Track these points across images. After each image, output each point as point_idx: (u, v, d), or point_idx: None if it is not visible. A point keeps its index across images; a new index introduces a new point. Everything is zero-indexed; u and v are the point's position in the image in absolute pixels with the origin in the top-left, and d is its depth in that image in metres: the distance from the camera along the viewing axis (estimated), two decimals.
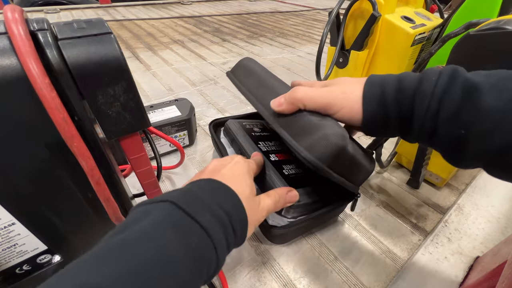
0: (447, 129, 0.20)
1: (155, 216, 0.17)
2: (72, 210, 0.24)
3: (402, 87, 0.22)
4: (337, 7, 0.53)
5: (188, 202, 0.18)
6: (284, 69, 0.92)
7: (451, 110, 0.19)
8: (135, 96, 0.21)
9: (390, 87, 0.22)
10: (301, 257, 0.33)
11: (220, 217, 0.19)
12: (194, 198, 0.19)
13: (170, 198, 0.18)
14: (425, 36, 0.55)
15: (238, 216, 0.20)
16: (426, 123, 0.21)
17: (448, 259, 0.33)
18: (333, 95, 0.24)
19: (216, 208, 0.19)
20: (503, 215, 0.39)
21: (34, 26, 0.17)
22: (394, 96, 0.22)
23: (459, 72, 0.20)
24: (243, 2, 2.25)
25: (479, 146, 0.19)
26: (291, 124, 0.26)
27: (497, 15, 0.36)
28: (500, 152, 0.18)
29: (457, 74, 0.20)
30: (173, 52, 1.03)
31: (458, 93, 0.19)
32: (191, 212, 0.18)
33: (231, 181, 0.22)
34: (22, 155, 0.18)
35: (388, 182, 0.46)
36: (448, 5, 1.24)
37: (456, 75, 0.20)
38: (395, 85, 0.22)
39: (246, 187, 0.23)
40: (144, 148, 0.26)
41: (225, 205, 0.20)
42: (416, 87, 0.21)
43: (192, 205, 0.18)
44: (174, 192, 0.20)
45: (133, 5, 1.89)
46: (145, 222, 0.16)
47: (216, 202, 0.20)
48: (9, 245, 0.22)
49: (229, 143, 0.42)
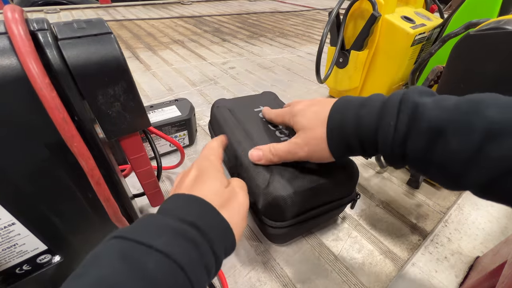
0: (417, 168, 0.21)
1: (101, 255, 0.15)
2: (72, 210, 0.24)
3: (361, 126, 0.22)
4: (337, 7, 0.54)
5: (137, 229, 0.16)
6: (284, 69, 0.92)
7: (417, 154, 0.19)
8: (135, 96, 0.21)
9: (349, 126, 0.23)
10: (301, 257, 0.33)
11: (185, 232, 0.17)
12: (146, 223, 0.17)
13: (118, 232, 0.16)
14: (425, 36, 0.55)
15: (209, 223, 0.18)
16: (394, 160, 0.22)
17: (448, 259, 0.33)
18: (299, 150, 0.27)
19: (178, 224, 0.17)
20: (503, 215, 0.39)
21: (34, 26, 0.17)
22: (354, 134, 0.23)
23: (419, 111, 0.19)
24: (243, 2, 2.25)
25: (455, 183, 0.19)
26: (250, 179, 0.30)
27: (497, 15, 0.36)
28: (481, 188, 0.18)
29: (416, 116, 0.19)
30: (173, 52, 1.03)
31: (422, 139, 0.19)
32: (142, 239, 0.15)
33: (195, 186, 0.21)
34: (22, 155, 0.18)
35: (388, 182, 0.46)
36: (448, 5, 1.24)
37: (416, 116, 0.19)
38: (353, 125, 0.22)
39: (213, 189, 0.21)
40: (144, 148, 0.26)
41: (188, 217, 0.18)
42: (376, 125, 0.21)
43: (143, 230, 0.16)
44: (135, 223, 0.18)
45: (133, 5, 1.89)
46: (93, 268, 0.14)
47: (178, 217, 0.17)
48: (9, 245, 0.22)
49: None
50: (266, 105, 0.43)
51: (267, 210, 0.29)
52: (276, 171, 0.29)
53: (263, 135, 0.35)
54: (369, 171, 0.48)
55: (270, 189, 0.28)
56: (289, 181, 0.28)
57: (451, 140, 0.17)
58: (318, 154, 0.26)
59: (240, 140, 0.35)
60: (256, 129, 0.36)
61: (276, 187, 0.28)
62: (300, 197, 0.28)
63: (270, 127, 0.37)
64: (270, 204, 0.28)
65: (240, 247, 0.34)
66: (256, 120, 0.39)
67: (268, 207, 0.29)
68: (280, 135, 0.35)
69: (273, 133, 0.36)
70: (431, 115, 0.18)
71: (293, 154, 0.27)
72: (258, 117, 0.40)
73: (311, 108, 0.27)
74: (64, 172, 0.21)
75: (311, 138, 0.26)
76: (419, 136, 0.19)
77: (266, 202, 0.28)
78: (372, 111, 0.22)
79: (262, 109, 0.39)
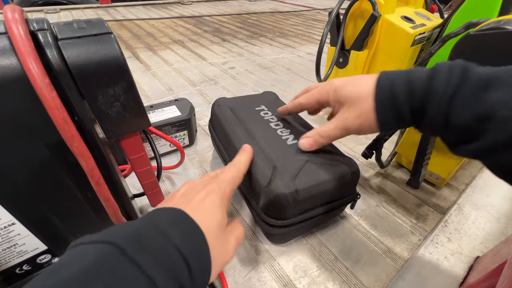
0: (459, 123, 0.20)
1: (87, 261, 0.13)
2: (72, 210, 0.24)
3: (412, 89, 0.22)
4: (337, 7, 0.54)
5: (134, 243, 0.15)
6: (284, 69, 0.92)
7: (463, 108, 0.20)
8: (135, 96, 0.21)
9: (400, 90, 0.23)
10: (301, 257, 0.33)
11: (175, 263, 0.16)
12: (144, 237, 0.16)
13: (112, 238, 0.15)
14: (425, 36, 0.55)
15: (198, 262, 0.17)
16: (438, 118, 0.21)
17: (448, 259, 0.33)
18: (350, 124, 0.27)
19: (173, 251, 0.16)
20: (503, 215, 0.39)
21: (34, 26, 0.17)
22: (404, 99, 0.23)
23: (470, 68, 0.20)
24: (243, 2, 2.25)
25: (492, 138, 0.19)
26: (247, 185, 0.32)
27: (497, 15, 0.36)
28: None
29: (467, 71, 0.20)
30: (173, 52, 1.03)
31: (470, 91, 0.19)
32: (135, 257, 0.14)
33: (200, 215, 0.20)
34: (22, 155, 0.18)
35: (388, 182, 0.46)
36: (448, 5, 1.24)
37: (467, 71, 0.20)
38: (405, 87, 0.23)
39: (215, 223, 0.20)
40: (144, 148, 0.26)
41: (184, 247, 0.16)
42: (426, 87, 0.22)
43: (139, 246, 0.15)
44: (125, 226, 0.17)
45: (133, 5, 1.89)
46: (73, 269, 0.13)
47: (173, 242, 0.16)
48: (9, 245, 0.22)
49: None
50: (267, 105, 0.43)
51: (269, 208, 0.29)
52: (277, 169, 0.29)
53: (264, 134, 0.35)
54: (369, 171, 0.48)
55: (271, 187, 0.28)
56: (291, 179, 0.28)
57: (499, 89, 0.18)
58: (368, 126, 0.26)
59: (241, 138, 0.35)
60: (257, 128, 0.36)
61: (277, 184, 0.28)
62: (301, 195, 0.28)
63: (271, 125, 0.37)
64: (272, 202, 0.28)
65: (240, 247, 0.34)
66: (258, 119, 0.39)
67: (270, 205, 0.29)
68: (282, 134, 0.35)
69: (274, 131, 0.36)
70: (480, 72, 0.20)
71: (346, 130, 0.27)
72: (260, 116, 0.40)
73: (355, 81, 0.27)
74: (64, 172, 0.21)
75: (362, 110, 0.25)
76: (468, 88, 0.19)
77: (267, 200, 0.28)
78: (421, 74, 0.22)
79: (278, 109, 0.38)
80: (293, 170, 0.29)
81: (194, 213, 0.19)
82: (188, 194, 0.22)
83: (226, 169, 0.27)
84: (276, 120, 0.39)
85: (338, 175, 0.30)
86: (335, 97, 0.28)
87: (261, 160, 0.31)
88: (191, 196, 0.22)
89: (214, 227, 0.20)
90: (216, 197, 0.22)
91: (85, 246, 0.15)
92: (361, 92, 0.25)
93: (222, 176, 0.26)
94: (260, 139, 0.34)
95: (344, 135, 0.28)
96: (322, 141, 0.30)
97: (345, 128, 0.27)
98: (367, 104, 0.25)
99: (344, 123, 0.27)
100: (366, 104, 0.25)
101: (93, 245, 0.15)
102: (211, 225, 0.20)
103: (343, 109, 0.27)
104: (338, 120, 0.27)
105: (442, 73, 0.21)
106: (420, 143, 0.36)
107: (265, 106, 0.42)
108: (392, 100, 0.24)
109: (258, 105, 0.42)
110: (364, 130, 0.26)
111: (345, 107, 0.27)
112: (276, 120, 0.39)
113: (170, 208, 0.19)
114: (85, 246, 0.15)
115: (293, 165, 0.30)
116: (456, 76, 0.20)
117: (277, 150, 0.32)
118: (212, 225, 0.20)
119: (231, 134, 0.36)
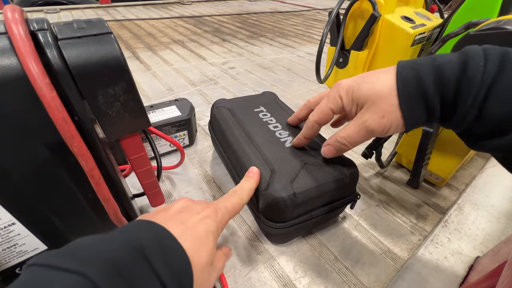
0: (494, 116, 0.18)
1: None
2: (72, 210, 0.24)
3: (442, 77, 0.20)
4: (337, 7, 0.54)
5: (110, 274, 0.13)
6: (284, 69, 0.92)
7: (504, 99, 0.18)
8: (135, 96, 0.21)
9: (427, 80, 0.20)
10: (301, 257, 0.33)
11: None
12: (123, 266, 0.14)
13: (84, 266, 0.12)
14: (425, 36, 0.55)
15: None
16: (471, 111, 0.19)
17: (448, 259, 0.33)
18: (375, 126, 0.23)
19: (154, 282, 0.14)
20: (503, 215, 0.39)
21: (34, 26, 0.17)
22: (434, 89, 0.20)
23: (510, 54, 0.18)
24: (243, 2, 2.25)
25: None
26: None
27: (497, 15, 0.36)
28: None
29: (507, 58, 0.18)
30: (173, 52, 1.03)
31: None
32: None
33: (191, 240, 0.18)
34: (22, 155, 0.18)
35: (388, 182, 0.46)
36: (448, 5, 1.24)
37: (507, 59, 0.18)
38: (433, 77, 0.20)
39: (205, 254, 0.19)
40: (144, 148, 0.26)
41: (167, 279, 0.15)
42: (460, 76, 0.19)
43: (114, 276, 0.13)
44: (102, 245, 0.14)
45: (133, 5, 1.89)
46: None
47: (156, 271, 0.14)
48: (9, 245, 0.22)
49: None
50: (266, 105, 0.43)
51: (267, 211, 0.29)
52: (275, 172, 0.29)
53: (263, 136, 0.35)
54: (369, 171, 0.48)
55: (270, 190, 0.28)
56: (289, 182, 0.28)
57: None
58: (395, 126, 0.23)
59: (239, 141, 0.34)
60: (256, 130, 0.36)
61: (276, 188, 0.28)
62: (300, 198, 0.28)
63: (270, 127, 0.37)
64: (270, 205, 0.28)
65: (240, 247, 0.34)
66: (256, 121, 0.39)
67: (268, 208, 0.29)
68: (280, 136, 0.35)
69: (273, 133, 0.36)
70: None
71: (369, 133, 0.24)
72: (258, 117, 0.40)
73: (369, 79, 0.24)
74: (64, 172, 0.21)
75: (386, 109, 0.22)
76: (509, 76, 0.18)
77: (266, 203, 0.28)
78: (450, 58, 0.20)
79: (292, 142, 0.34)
80: (291, 173, 0.29)
81: (186, 237, 0.18)
82: (184, 213, 0.21)
83: (228, 196, 0.25)
84: (275, 122, 0.39)
85: (336, 177, 0.30)
86: (350, 99, 0.25)
87: (259, 163, 0.31)
88: (187, 216, 0.20)
89: (203, 257, 0.18)
90: (212, 224, 0.21)
91: (50, 271, 0.12)
92: (381, 89, 0.22)
93: (222, 203, 0.24)
94: (259, 141, 0.34)
95: (368, 138, 0.25)
96: (344, 147, 0.27)
97: (369, 132, 0.24)
98: (390, 102, 0.22)
99: (366, 126, 0.24)
100: (389, 101, 0.22)
101: (60, 273, 0.12)
102: (201, 255, 0.18)
103: (362, 110, 0.24)
104: (358, 123, 0.24)
105: (476, 59, 0.19)
106: (420, 143, 0.36)
107: (264, 107, 0.42)
108: (419, 91, 0.21)
109: (257, 106, 0.42)
110: (390, 131, 0.24)
111: (364, 108, 0.24)
112: (275, 122, 0.39)
113: (160, 228, 0.18)
114: (49, 272, 0.12)
115: (291, 168, 0.30)
116: (494, 62, 0.18)
117: (275, 152, 0.32)
118: (201, 255, 0.18)
119: (230, 137, 0.36)
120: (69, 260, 0.13)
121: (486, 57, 0.18)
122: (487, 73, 0.18)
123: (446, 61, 0.20)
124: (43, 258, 0.13)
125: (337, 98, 0.26)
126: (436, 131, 0.34)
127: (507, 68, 0.18)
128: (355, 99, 0.24)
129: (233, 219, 0.38)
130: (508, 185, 0.44)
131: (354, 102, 0.25)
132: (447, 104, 0.20)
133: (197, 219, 0.20)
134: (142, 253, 0.15)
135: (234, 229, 0.37)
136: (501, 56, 0.18)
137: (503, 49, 0.18)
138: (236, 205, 0.25)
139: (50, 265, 0.12)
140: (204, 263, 0.18)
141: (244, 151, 0.33)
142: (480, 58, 0.19)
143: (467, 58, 0.19)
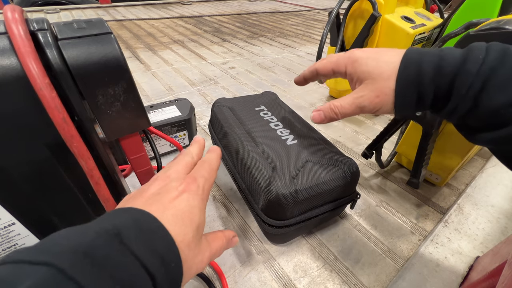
0: (490, 107, 0.19)
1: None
2: (72, 210, 0.24)
3: (441, 66, 0.20)
4: (337, 7, 0.54)
5: (84, 265, 0.12)
6: (284, 69, 0.92)
7: (500, 90, 0.18)
8: (135, 96, 0.21)
9: (427, 67, 0.21)
10: (301, 257, 0.33)
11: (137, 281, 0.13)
12: (98, 249, 0.13)
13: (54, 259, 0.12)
14: (425, 36, 0.55)
15: (167, 276, 0.15)
16: (465, 101, 0.20)
17: (448, 259, 0.33)
18: (367, 103, 0.24)
19: (135, 267, 0.13)
20: (503, 215, 0.39)
21: (34, 26, 0.17)
22: (430, 77, 0.21)
23: (510, 48, 0.19)
24: (243, 2, 2.25)
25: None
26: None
27: (497, 15, 0.36)
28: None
29: (509, 52, 0.18)
30: (173, 52, 1.03)
31: (511, 70, 0.18)
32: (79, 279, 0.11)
33: (173, 219, 0.17)
34: (22, 155, 0.18)
35: (388, 182, 0.46)
36: (448, 5, 1.24)
37: (508, 52, 0.18)
38: (434, 64, 0.21)
39: (190, 230, 0.18)
40: (144, 148, 0.26)
41: (150, 262, 0.14)
42: (458, 67, 0.20)
43: (90, 271, 0.12)
44: (75, 235, 0.14)
45: (133, 5, 1.89)
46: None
47: (140, 257, 0.14)
48: (9, 245, 0.22)
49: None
50: (266, 105, 0.43)
51: (268, 209, 0.29)
52: (277, 169, 0.29)
53: (264, 134, 0.35)
54: (369, 171, 0.48)
55: (271, 187, 0.28)
56: (291, 179, 0.28)
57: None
58: (385, 107, 0.24)
59: (241, 139, 0.35)
60: (257, 128, 0.36)
61: (277, 185, 0.28)
62: (301, 195, 0.28)
63: (271, 126, 0.37)
64: (272, 202, 0.28)
65: (240, 247, 0.34)
66: (257, 119, 0.39)
67: (269, 206, 0.29)
68: (282, 134, 0.35)
69: (274, 132, 0.36)
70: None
71: (360, 108, 0.25)
72: (259, 116, 0.40)
73: (378, 56, 0.24)
74: (64, 172, 0.21)
75: (382, 90, 0.23)
76: (508, 68, 0.18)
77: (267, 200, 0.28)
78: (454, 52, 0.21)
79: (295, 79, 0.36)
80: (292, 170, 0.29)
81: (167, 216, 0.17)
82: (162, 193, 0.19)
83: (199, 165, 0.23)
84: (276, 120, 0.39)
85: (338, 175, 0.30)
86: (353, 71, 0.26)
87: (260, 160, 0.31)
88: (165, 195, 0.19)
89: (189, 233, 0.17)
90: (193, 198, 0.19)
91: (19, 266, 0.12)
92: (384, 70, 0.23)
93: (198, 173, 0.21)
94: (260, 139, 0.34)
95: (358, 113, 0.26)
96: (334, 116, 0.27)
97: (360, 107, 0.25)
98: (388, 84, 0.23)
99: (360, 101, 0.25)
100: (387, 84, 0.23)
101: (29, 266, 0.11)
102: (186, 232, 0.17)
103: (361, 85, 0.25)
104: (355, 97, 0.25)
105: (477, 52, 0.19)
106: (420, 143, 0.36)
107: (264, 106, 0.42)
108: (416, 78, 0.21)
109: (258, 105, 0.42)
110: (380, 111, 0.25)
111: (364, 84, 0.25)
112: (276, 120, 0.39)
113: (138, 211, 0.16)
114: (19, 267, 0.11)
115: (293, 166, 0.30)
116: (494, 55, 0.18)
117: (277, 150, 0.32)
118: (186, 231, 0.17)
119: (231, 135, 0.36)
120: (38, 252, 0.12)
121: (488, 51, 0.19)
122: (485, 64, 0.19)
123: (450, 53, 0.21)
124: (13, 254, 0.12)
125: (342, 65, 0.27)
126: (436, 131, 0.34)
127: (507, 60, 0.18)
128: (359, 72, 0.25)
129: (233, 219, 0.38)
130: (508, 185, 0.44)
131: (356, 75, 0.25)
132: (441, 93, 0.21)
133: (176, 195, 0.19)
134: (118, 238, 0.14)
135: (234, 229, 0.37)
136: (503, 50, 0.19)
137: (507, 45, 0.19)
138: (211, 171, 0.23)
139: (19, 260, 0.12)
140: (190, 238, 0.17)
141: (245, 149, 0.33)
142: (480, 52, 0.19)
143: (468, 52, 0.20)
